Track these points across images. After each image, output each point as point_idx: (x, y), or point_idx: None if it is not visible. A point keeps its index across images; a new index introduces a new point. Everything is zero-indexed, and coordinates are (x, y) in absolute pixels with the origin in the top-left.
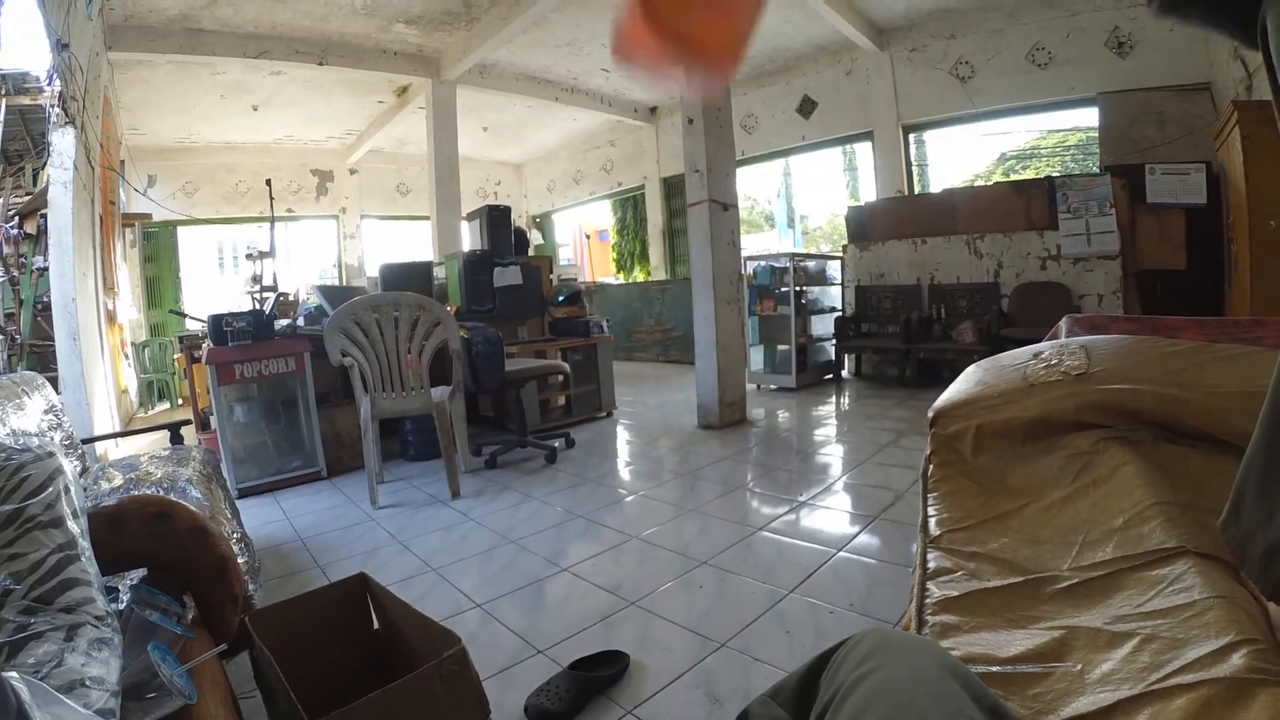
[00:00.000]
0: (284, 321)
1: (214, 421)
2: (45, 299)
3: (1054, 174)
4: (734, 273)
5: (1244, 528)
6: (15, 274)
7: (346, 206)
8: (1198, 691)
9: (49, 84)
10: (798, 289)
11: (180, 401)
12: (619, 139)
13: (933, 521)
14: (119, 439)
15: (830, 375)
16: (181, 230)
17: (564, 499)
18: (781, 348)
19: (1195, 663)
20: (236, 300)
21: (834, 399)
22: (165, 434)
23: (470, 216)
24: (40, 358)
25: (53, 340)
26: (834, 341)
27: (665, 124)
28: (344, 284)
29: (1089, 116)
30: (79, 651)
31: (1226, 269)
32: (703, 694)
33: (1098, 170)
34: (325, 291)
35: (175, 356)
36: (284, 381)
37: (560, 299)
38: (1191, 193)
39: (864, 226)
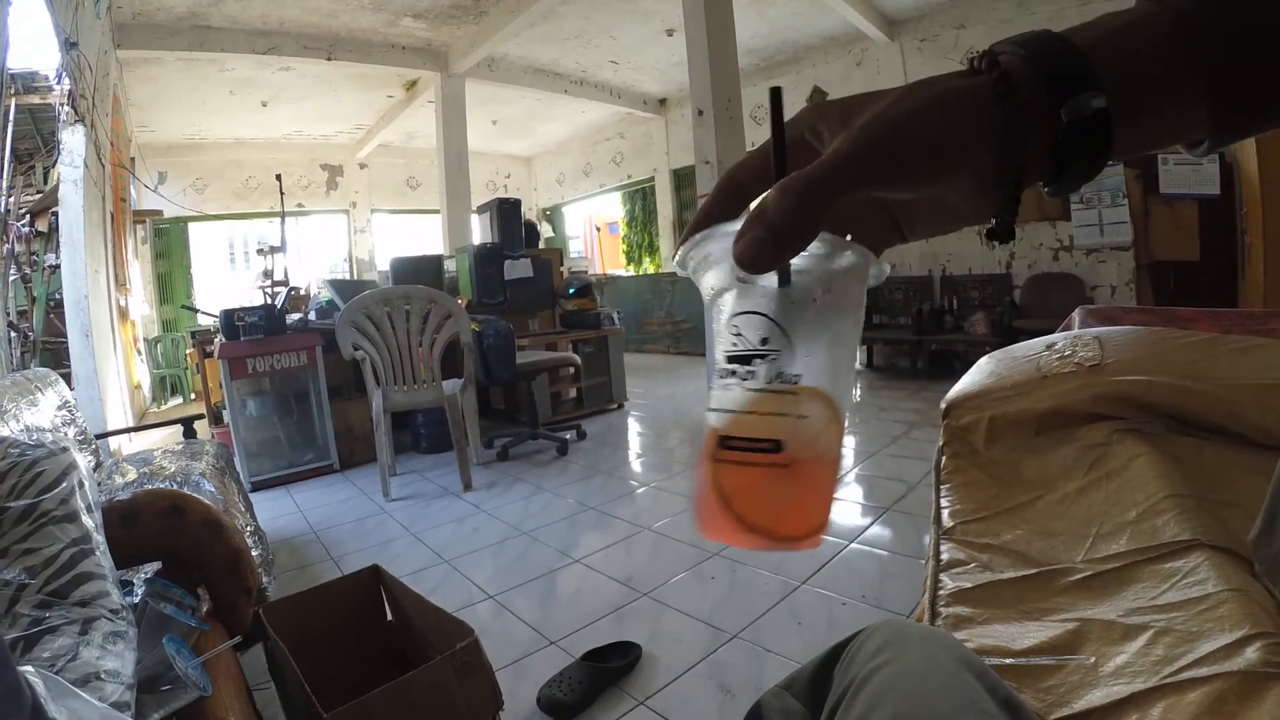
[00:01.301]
0: (295, 316)
1: (227, 415)
2: (58, 296)
3: None
4: None
5: (1277, 549)
6: (27, 271)
7: (356, 201)
8: (1211, 685)
9: (58, 83)
10: None
11: (193, 396)
12: (628, 131)
13: (945, 513)
14: (132, 434)
15: None
16: (192, 226)
17: (576, 491)
18: None
19: (1209, 656)
20: (248, 295)
21: None
22: (178, 428)
23: (480, 210)
24: (53, 354)
25: (65, 337)
26: None
27: (675, 115)
28: (355, 278)
29: None
30: (94, 645)
31: (1240, 260)
32: (715, 685)
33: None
34: (336, 285)
35: (188, 351)
36: (296, 375)
37: (571, 291)
38: (1204, 183)
39: None
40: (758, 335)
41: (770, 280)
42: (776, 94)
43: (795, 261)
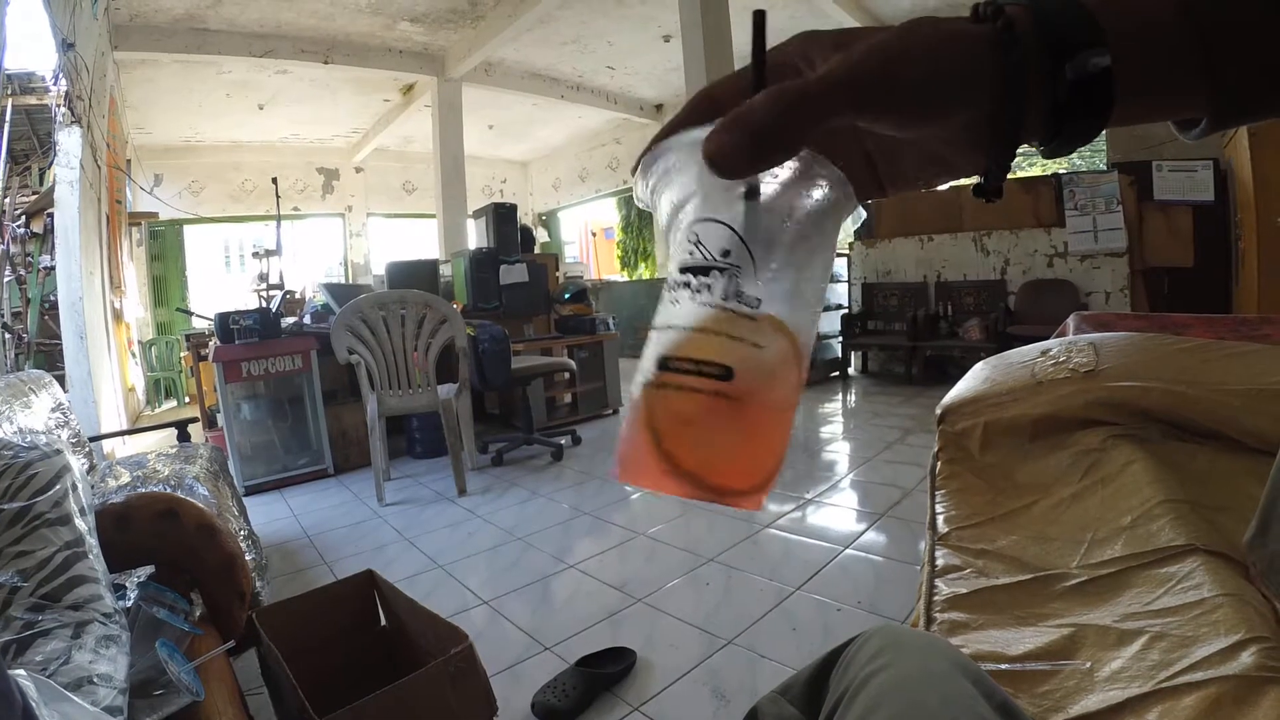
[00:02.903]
0: (290, 319)
1: (221, 419)
2: (52, 298)
3: (1060, 171)
4: None
5: (1272, 549)
6: (22, 273)
7: (352, 205)
8: (1207, 689)
9: (55, 84)
10: None
11: (187, 399)
12: (624, 136)
13: (941, 519)
14: (126, 436)
15: (836, 373)
16: (188, 229)
17: (570, 496)
18: None
19: (1204, 661)
20: (243, 298)
21: (840, 396)
22: (172, 431)
23: (476, 214)
24: (47, 356)
25: (60, 339)
26: (840, 339)
27: None
28: (350, 282)
29: None
30: (87, 649)
31: (1234, 266)
32: (709, 691)
33: (1105, 167)
34: (331, 289)
35: (182, 354)
36: (291, 379)
37: (566, 296)
38: (1199, 190)
39: (870, 223)
40: (718, 246)
41: (737, 192)
42: (760, 17)
43: (767, 178)
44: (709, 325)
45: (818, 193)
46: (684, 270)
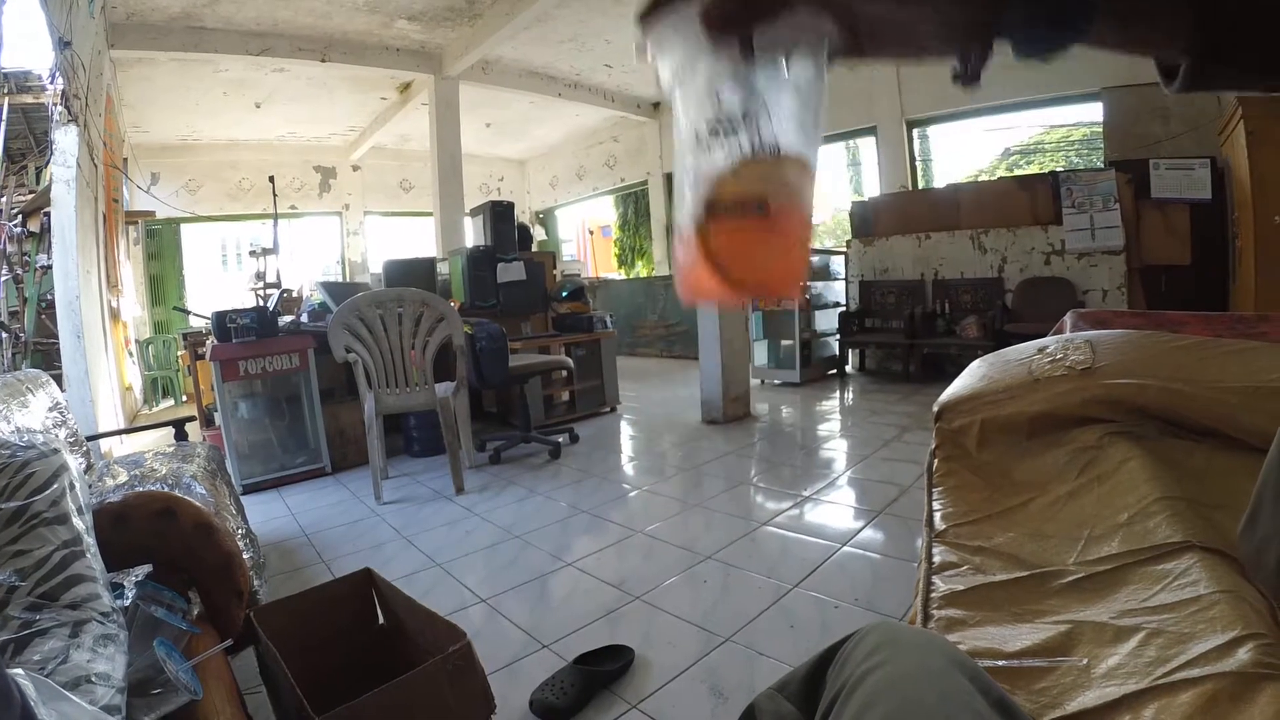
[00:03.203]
0: (288, 318)
1: (218, 418)
2: (49, 297)
3: (1058, 169)
4: None
5: (1260, 535)
6: (19, 272)
7: (349, 203)
8: (1204, 686)
9: (51, 82)
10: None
11: (184, 398)
12: (622, 134)
13: (938, 516)
14: (123, 436)
15: (834, 370)
16: (185, 227)
17: (568, 494)
18: (785, 343)
19: (1201, 657)
20: (240, 297)
21: (838, 394)
22: (170, 430)
23: (473, 212)
24: (44, 355)
25: (57, 338)
26: (838, 337)
27: (668, 119)
28: (347, 280)
29: (1093, 112)
30: (84, 648)
31: (1231, 264)
32: (707, 688)
33: (1102, 165)
34: (329, 288)
35: (179, 353)
36: (288, 378)
37: (564, 294)
38: (1196, 188)
39: (868, 221)
40: (738, 103)
41: (738, 51)
42: None
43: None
44: (743, 171)
45: (805, 34)
46: (713, 128)
